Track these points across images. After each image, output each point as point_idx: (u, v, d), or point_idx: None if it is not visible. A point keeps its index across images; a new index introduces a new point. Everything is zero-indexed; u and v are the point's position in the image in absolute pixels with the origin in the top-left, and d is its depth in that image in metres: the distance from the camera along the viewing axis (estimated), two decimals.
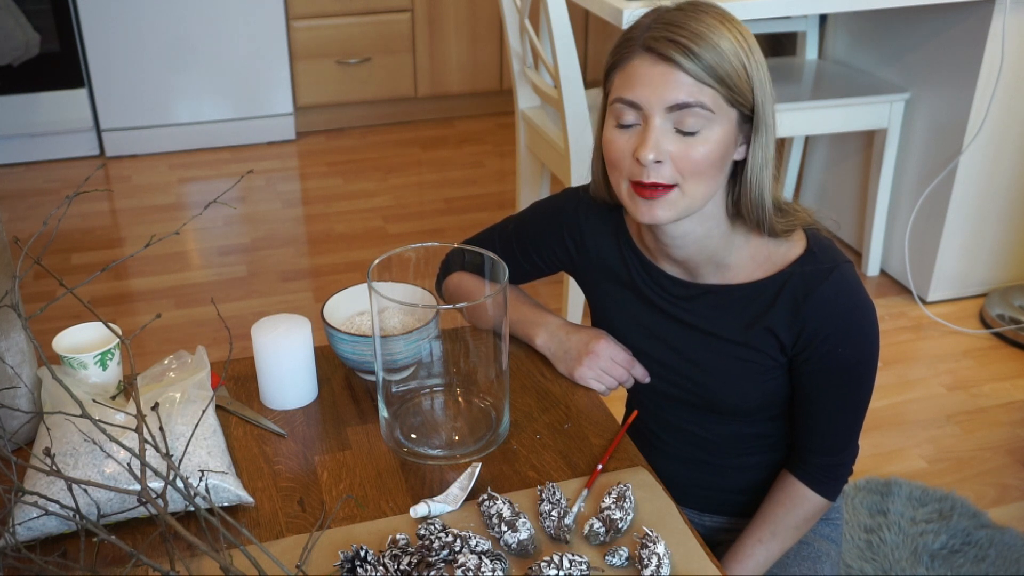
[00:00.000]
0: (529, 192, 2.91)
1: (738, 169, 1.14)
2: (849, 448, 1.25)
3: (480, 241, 1.40)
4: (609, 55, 1.14)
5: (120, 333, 1.08)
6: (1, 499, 1.10)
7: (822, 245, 1.19)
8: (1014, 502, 2.17)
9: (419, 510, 1.08)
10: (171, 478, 0.92)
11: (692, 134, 1.07)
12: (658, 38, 1.07)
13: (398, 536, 1.04)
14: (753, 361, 1.21)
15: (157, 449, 0.91)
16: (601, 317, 1.34)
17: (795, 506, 1.24)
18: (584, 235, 1.30)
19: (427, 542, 1.01)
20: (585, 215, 1.30)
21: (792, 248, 1.18)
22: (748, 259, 1.19)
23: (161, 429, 0.95)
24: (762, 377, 1.21)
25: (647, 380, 1.30)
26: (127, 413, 1.03)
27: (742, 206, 1.15)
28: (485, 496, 1.08)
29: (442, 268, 1.41)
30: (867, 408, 1.24)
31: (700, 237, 1.17)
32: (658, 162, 1.08)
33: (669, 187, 1.10)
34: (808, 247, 1.18)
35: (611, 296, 1.30)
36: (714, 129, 1.08)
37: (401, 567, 0.98)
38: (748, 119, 1.11)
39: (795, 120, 2.69)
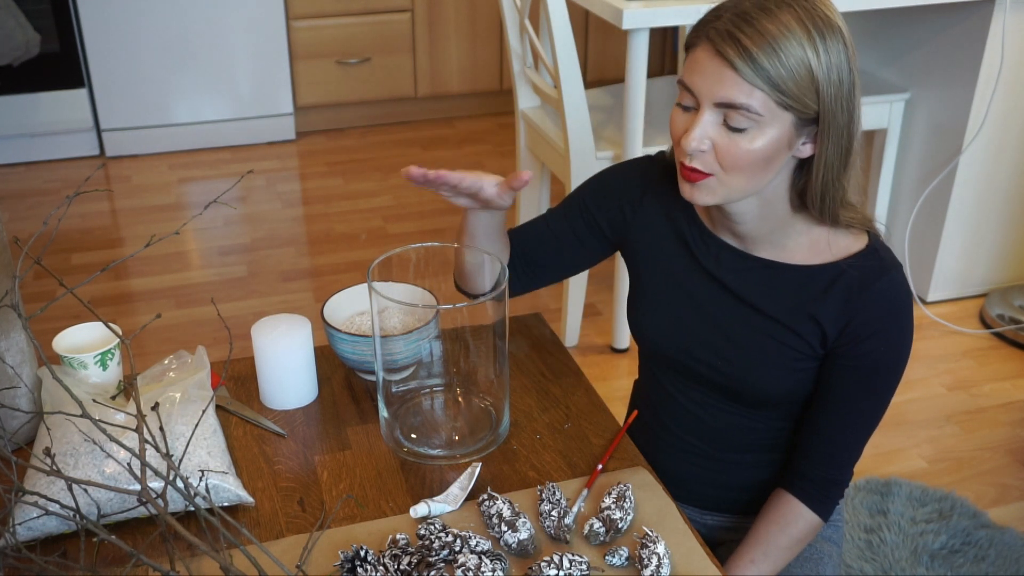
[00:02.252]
0: (529, 192, 2.91)
1: (806, 162, 1.14)
2: (848, 466, 1.25)
3: (533, 220, 1.38)
4: (689, 32, 1.14)
5: (120, 333, 1.08)
6: (1, 499, 1.10)
7: (883, 245, 1.20)
8: (1014, 502, 2.17)
9: (419, 510, 1.08)
10: (171, 478, 0.92)
11: (739, 131, 1.08)
12: (721, 31, 1.06)
13: (398, 536, 1.04)
14: (790, 346, 1.20)
15: (157, 449, 0.91)
16: (643, 285, 1.32)
17: (788, 524, 1.23)
18: (644, 195, 1.30)
19: (427, 542, 1.01)
20: (650, 178, 1.30)
21: (854, 242, 1.19)
22: (807, 244, 1.20)
23: (161, 429, 0.95)
24: (793, 364, 1.21)
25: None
26: (127, 413, 1.03)
27: (807, 198, 1.16)
28: (485, 496, 1.08)
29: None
30: (874, 428, 1.24)
31: (758, 216, 1.18)
32: (701, 151, 1.10)
33: (707, 175, 1.12)
34: (870, 244, 1.19)
35: (660, 262, 1.29)
36: (763, 130, 1.08)
37: (401, 567, 0.98)
38: (813, 120, 1.09)
39: None
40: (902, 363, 1.21)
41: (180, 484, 1.01)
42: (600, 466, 1.16)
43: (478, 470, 1.14)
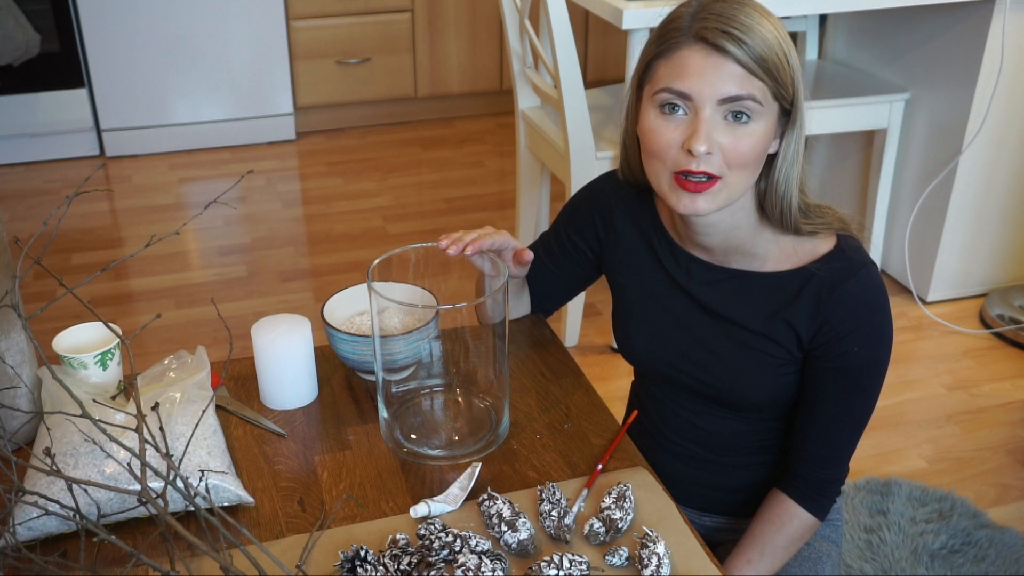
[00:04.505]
0: (529, 192, 2.91)
1: (768, 162, 1.15)
2: (841, 465, 1.25)
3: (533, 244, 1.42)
4: (651, 45, 1.13)
5: (120, 333, 1.08)
6: (1, 499, 1.10)
7: (851, 245, 1.19)
8: (1014, 502, 2.17)
9: (419, 510, 1.08)
10: (171, 478, 0.92)
11: (742, 125, 1.08)
12: (710, 28, 1.06)
13: (398, 536, 1.04)
14: (769, 353, 1.20)
15: (157, 449, 0.91)
16: (624, 302, 1.33)
17: (784, 524, 1.24)
18: (614, 215, 1.31)
19: (427, 542, 1.01)
20: (617, 196, 1.31)
21: (821, 244, 1.19)
22: (776, 251, 1.20)
23: (161, 429, 0.95)
24: (776, 371, 1.21)
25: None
26: (127, 413, 1.03)
27: (767, 201, 1.16)
28: (485, 496, 1.08)
29: None
30: (866, 424, 1.24)
31: (728, 227, 1.18)
32: (709, 153, 1.09)
33: (715, 179, 1.10)
34: (838, 245, 1.19)
35: (637, 279, 1.30)
36: (760, 122, 1.09)
37: (401, 567, 0.98)
38: (786, 112, 1.11)
39: None
40: (883, 359, 1.20)
41: (180, 484, 1.01)
42: (600, 466, 1.16)
43: (478, 470, 1.14)
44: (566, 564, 0.99)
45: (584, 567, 1.00)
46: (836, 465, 1.25)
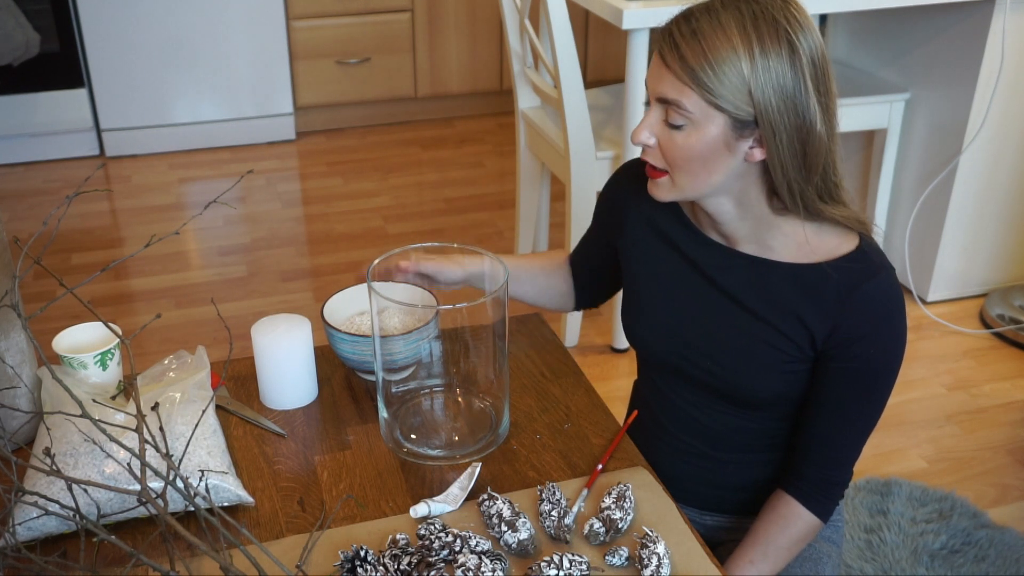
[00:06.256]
0: (529, 192, 2.91)
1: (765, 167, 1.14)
2: (847, 467, 1.25)
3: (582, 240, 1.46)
4: None
5: (120, 333, 1.08)
6: (1, 499, 1.10)
7: (873, 247, 1.19)
8: (1014, 502, 2.17)
9: (419, 510, 1.08)
10: (171, 478, 0.92)
11: (677, 127, 1.12)
12: (664, 30, 1.12)
13: (398, 536, 1.04)
14: (779, 348, 1.20)
15: (157, 449, 0.91)
16: (635, 287, 1.32)
17: (787, 525, 1.23)
18: (630, 200, 1.32)
19: (427, 542, 1.01)
20: (637, 181, 1.32)
21: (843, 243, 1.18)
22: (793, 245, 1.20)
23: (161, 429, 0.95)
24: (783, 367, 1.21)
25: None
26: (127, 413, 1.03)
27: (782, 199, 1.16)
28: (485, 496, 1.08)
29: None
30: (873, 428, 1.23)
31: (736, 217, 1.19)
32: (648, 145, 1.15)
33: (661, 172, 1.17)
34: (859, 245, 1.18)
35: (650, 263, 1.30)
36: (698, 129, 1.10)
37: (401, 567, 0.98)
38: (752, 122, 1.09)
39: None
40: (896, 365, 1.20)
41: (180, 484, 1.01)
42: (600, 466, 1.16)
43: (478, 470, 1.14)
44: (566, 564, 0.99)
45: (584, 567, 1.00)
46: (842, 467, 1.24)
